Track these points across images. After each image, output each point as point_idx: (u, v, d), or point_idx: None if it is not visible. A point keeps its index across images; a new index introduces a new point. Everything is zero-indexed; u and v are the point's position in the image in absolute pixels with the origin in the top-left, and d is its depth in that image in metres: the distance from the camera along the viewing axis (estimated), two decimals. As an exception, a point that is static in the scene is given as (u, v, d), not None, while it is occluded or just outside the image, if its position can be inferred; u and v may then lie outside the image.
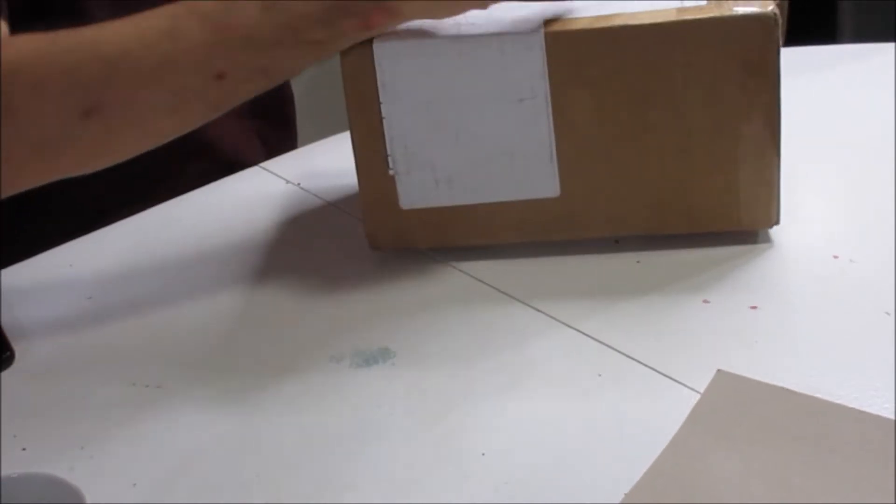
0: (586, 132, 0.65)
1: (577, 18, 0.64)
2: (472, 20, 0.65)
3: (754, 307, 0.62)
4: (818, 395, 0.54)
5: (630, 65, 0.64)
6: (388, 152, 0.67)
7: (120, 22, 0.61)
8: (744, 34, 0.62)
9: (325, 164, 0.89)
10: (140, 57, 0.60)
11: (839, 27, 2.07)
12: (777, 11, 0.62)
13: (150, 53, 0.60)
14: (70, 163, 0.63)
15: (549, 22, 0.64)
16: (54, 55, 0.60)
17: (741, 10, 0.62)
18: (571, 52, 0.64)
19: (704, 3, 0.63)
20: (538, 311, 0.65)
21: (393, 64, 0.64)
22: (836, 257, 0.66)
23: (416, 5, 0.62)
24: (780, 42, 0.63)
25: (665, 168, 0.66)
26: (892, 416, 0.52)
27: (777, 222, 0.67)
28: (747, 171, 0.65)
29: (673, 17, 0.62)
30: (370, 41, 0.64)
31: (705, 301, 0.64)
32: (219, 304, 0.70)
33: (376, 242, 0.70)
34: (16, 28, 0.66)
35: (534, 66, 0.64)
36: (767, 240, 0.69)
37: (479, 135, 0.66)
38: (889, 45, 0.97)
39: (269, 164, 0.91)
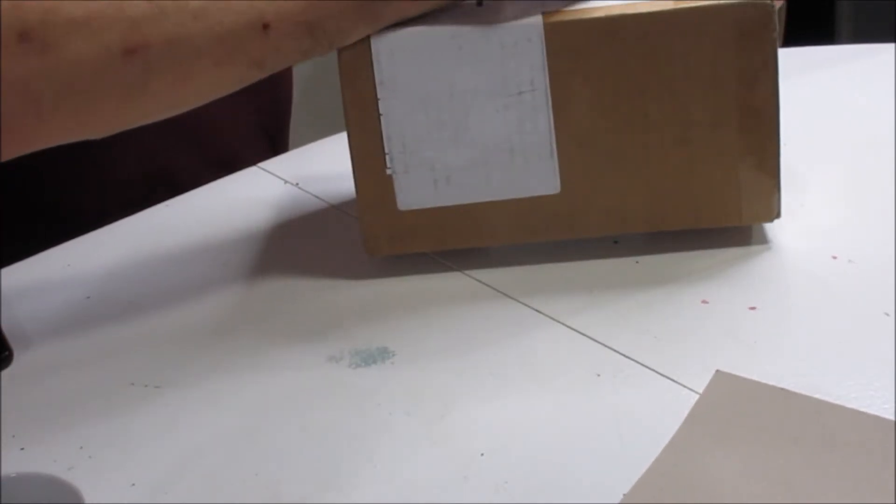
0: (586, 126, 0.66)
1: (576, 9, 0.64)
2: (467, 13, 0.65)
3: (753, 308, 0.62)
4: (818, 395, 0.54)
5: (629, 55, 0.64)
6: (386, 150, 0.67)
7: None
8: (742, 22, 0.62)
9: (323, 164, 0.89)
10: None
11: (837, 28, 2.08)
12: (774, 1, 0.62)
13: None
14: (103, 112, 0.60)
15: (547, 13, 0.64)
16: None
17: None
18: (571, 42, 0.64)
19: None
20: (537, 311, 0.65)
21: (391, 58, 0.64)
22: (835, 258, 0.66)
23: None
24: (779, 40, 0.63)
25: (665, 161, 0.66)
26: (892, 417, 0.52)
27: (778, 215, 0.67)
28: (748, 162, 0.66)
29: (671, 6, 0.63)
30: (368, 36, 0.64)
31: (704, 301, 0.64)
32: (218, 303, 0.70)
33: (373, 249, 0.70)
34: None
35: (534, 58, 0.64)
36: (766, 240, 0.69)
37: (478, 130, 0.66)
38: (888, 46, 0.97)
39: (267, 164, 0.91)
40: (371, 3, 0.62)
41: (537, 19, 0.64)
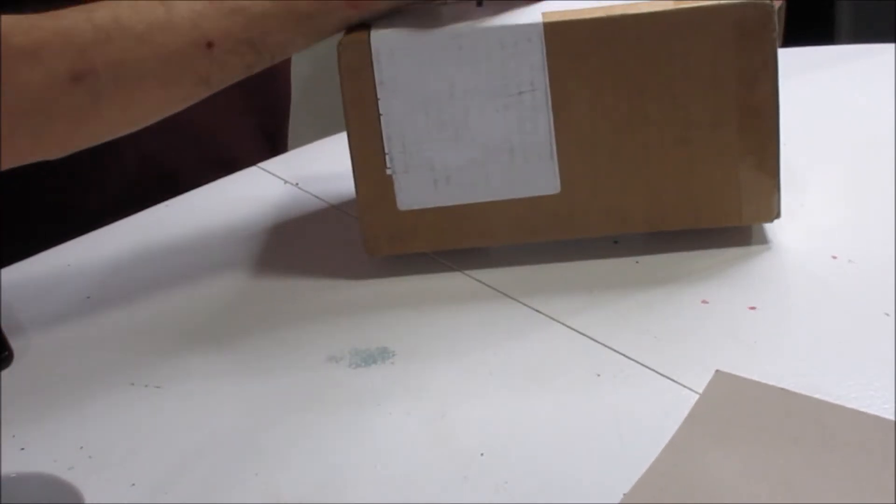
0: (586, 126, 0.66)
1: (575, 9, 0.64)
2: (468, 13, 0.65)
3: (753, 308, 0.62)
4: (818, 395, 0.54)
5: (629, 55, 0.64)
6: (386, 150, 0.67)
7: None
8: (742, 22, 0.62)
9: (323, 164, 0.89)
10: (132, 22, 0.60)
11: (837, 28, 2.08)
12: (773, 1, 0.62)
13: (142, 19, 0.60)
14: (55, 136, 0.62)
15: (547, 13, 0.64)
16: (47, 20, 0.60)
17: None
18: (571, 42, 0.64)
19: None
20: (537, 311, 0.65)
21: (391, 57, 0.64)
22: (834, 258, 0.66)
23: None
24: (779, 40, 0.63)
25: (665, 161, 0.66)
26: (892, 417, 0.52)
27: (778, 215, 0.67)
28: (748, 162, 0.66)
29: (671, 6, 0.63)
30: (368, 36, 0.64)
31: (704, 301, 0.64)
32: (218, 303, 0.70)
33: (373, 249, 0.70)
34: None
35: (534, 58, 0.64)
36: (766, 240, 0.69)
37: (478, 130, 0.66)
38: (888, 46, 0.97)
39: (267, 164, 0.91)
40: (310, 16, 0.62)
41: (537, 19, 0.64)
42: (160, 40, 0.61)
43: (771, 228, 0.70)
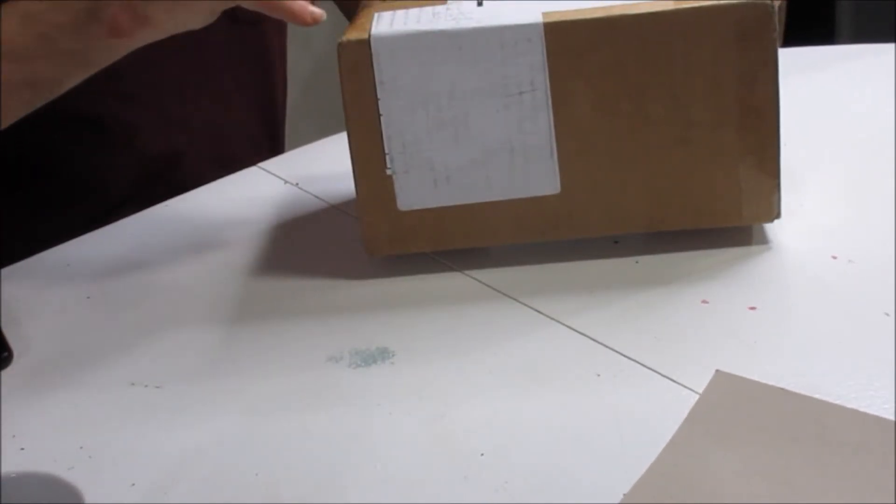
0: (586, 126, 0.66)
1: (576, 9, 0.64)
2: (468, 13, 0.65)
3: (753, 308, 0.62)
4: (817, 395, 0.54)
5: (629, 55, 0.64)
6: (386, 151, 0.67)
7: None
8: (742, 22, 0.62)
9: (323, 164, 0.89)
10: None
11: (837, 28, 2.08)
12: (773, 1, 0.62)
13: None
14: None
15: (547, 13, 0.64)
16: None
17: None
18: (571, 42, 0.64)
19: None
20: (537, 311, 0.65)
21: (391, 57, 0.64)
22: (834, 258, 0.66)
23: (162, 5, 0.62)
24: (779, 40, 0.63)
25: (665, 161, 0.66)
26: (892, 417, 0.52)
27: (778, 216, 0.67)
28: (748, 162, 0.66)
29: (671, 6, 0.63)
30: (368, 36, 0.64)
31: (704, 301, 0.64)
32: (217, 304, 0.70)
33: (373, 249, 0.70)
34: None
35: (534, 58, 0.64)
36: (766, 240, 0.69)
37: (478, 130, 0.66)
38: (888, 46, 0.97)
39: (267, 164, 0.91)
40: (72, 53, 0.63)
41: (537, 19, 0.64)
42: None
43: (771, 228, 0.70)
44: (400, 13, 0.67)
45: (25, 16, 0.62)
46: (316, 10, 0.63)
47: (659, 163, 0.66)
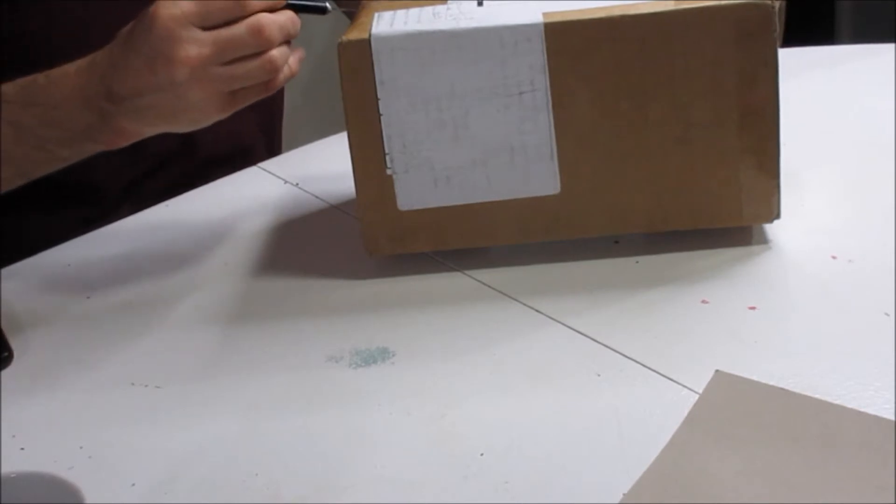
0: (586, 126, 0.66)
1: (576, 9, 0.64)
2: (468, 13, 0.65)
3: (753, 307, 0.62)
4: (817, 395, 0.54)
5: (629, 55, 0.64)
6: (386, 151, 0.67)
7: None
8: (742, 22, 0.62)
9: (323, 164, 0.89)
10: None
11: (837, 28, 2.08)
12: (773, 1, 0.62)
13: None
14: None
15: (547, 13, 0.64)
16: None
17: None
18: (571, 42, 0.64)
19: None
20: (537, 311, 0.65)
21: (391, 57, 0.64)
22: (834, 258, 0.66)
23: (147, 116, 0.66)
24: (779, 40, 0.63)
25: (666, 161, 0.66)
26: (892, 416, 0.52)
27: (778, 216, 0.67)
28: (748, 162, 0.66)
29: (671, 6, 0.63)
30: (368, 36, 0.64)
31: (704, 301, 0.64)
32: (218, 304, 0.70)
33: (373, 249, 0.70)
34: None
35: (534, 58, 0.64)
36: (766, 240, 0.69)
37: (478, 130, 0.66)
38: (888, 46, 0.97)
39: (267, 164, 0.91)
40: (67, 160, 0.71)
41: (537, 19, 0.64)
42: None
43: (771, 228, 0.70)
44: (400, 13, 0.67)
45: (21, 134, 0.68)
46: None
47: (659, 163, 0.66)
